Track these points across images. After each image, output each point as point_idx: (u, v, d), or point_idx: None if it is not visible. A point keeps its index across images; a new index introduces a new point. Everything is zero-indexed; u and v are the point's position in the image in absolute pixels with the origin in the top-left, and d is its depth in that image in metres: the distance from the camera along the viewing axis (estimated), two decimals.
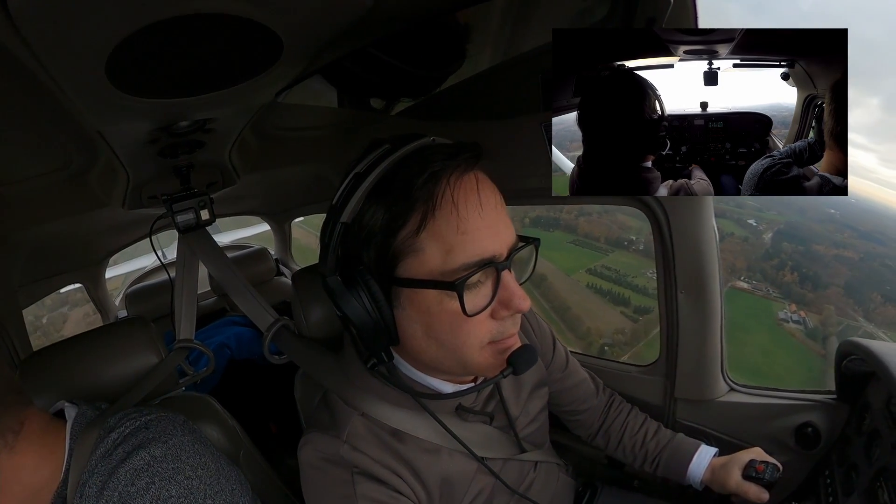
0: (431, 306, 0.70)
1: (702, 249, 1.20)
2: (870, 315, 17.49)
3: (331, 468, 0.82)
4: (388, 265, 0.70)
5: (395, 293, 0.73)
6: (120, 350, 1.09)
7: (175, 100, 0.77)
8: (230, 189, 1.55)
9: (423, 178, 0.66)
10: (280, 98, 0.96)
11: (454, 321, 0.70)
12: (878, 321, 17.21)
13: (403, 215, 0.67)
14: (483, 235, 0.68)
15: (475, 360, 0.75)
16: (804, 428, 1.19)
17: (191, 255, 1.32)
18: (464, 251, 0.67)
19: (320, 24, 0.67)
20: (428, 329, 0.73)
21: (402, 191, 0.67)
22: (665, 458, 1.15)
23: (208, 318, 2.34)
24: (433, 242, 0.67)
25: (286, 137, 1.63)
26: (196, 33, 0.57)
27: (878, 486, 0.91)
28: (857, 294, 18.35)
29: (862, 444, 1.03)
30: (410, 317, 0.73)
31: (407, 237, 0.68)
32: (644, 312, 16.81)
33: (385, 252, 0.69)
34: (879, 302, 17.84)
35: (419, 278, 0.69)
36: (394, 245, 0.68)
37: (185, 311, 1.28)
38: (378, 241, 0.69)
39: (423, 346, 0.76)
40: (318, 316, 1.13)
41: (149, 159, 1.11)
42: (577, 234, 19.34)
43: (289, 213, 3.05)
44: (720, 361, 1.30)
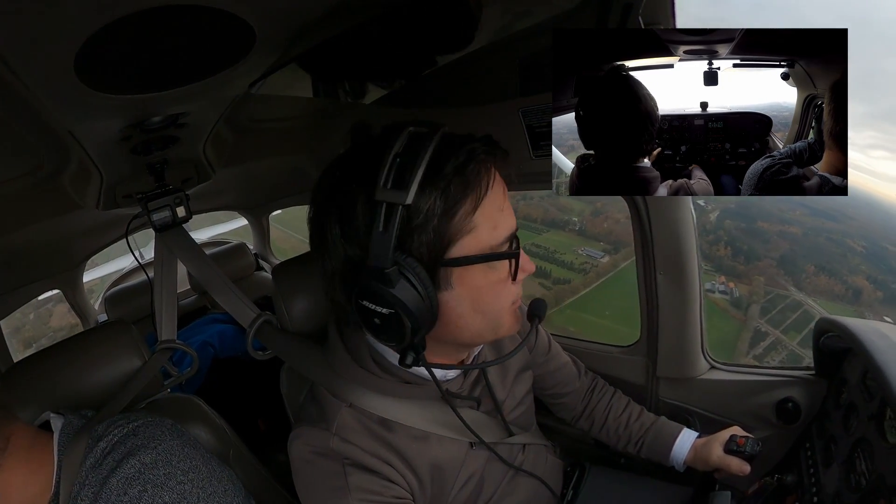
0: (479, 279, 0.76)
1: (679, 231, 1.22)
2: (800, 284, 18.16)
3: (322, 461, 0.82)
4: (443, 247, 0.72)
5: (444, 275, 0.73)
6: (102, 355, 1.07)
7: (147, 95, 0.75)
8: (206, 184, 1.52)
9: (474, 164, 0.71)
10: (254, 89, 0.95)
11: (497, 289, 0.78)
12: (808, 290, 17.94)
13: (462, 199, 0.71)
14: (510, 212, 0.78)
15: (508, 321, 0.83)
16: (784, 403, 1.22)
17: (168, 253, 1.29)
18: (505, 225, 0.76)
19: (293, 12, 0.66)
20: (475, 302, 0.77)
21: (458, 175, 0.70)
22: (649, 440, 1.18)
23: (190, 317, 2.31)
24: (484, 221, 0.73)
25: (261, 129, 1.60)
26: (167, 26, 0.56)
27: (855, 455, 0.95)
28: (790, 266, 19.04)
29: (840, 417, 1.06)
30: (460, 295, 0.76)
31: (463, 218, 0.71)
32: (561, 283, 17.61)
33: (442, 234, 0.71)
34: (812, 272, 18.63)
35: (474, 254, 0.73)
36: (451, 227, 0.71)
37: (165, 312, 1.26)
38: (435, 224, 0.70)
39: (468, 321, 0.79)
40: (300, 309, 1.12)
41: (122, 157, 1.08)
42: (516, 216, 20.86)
43: (266, 207, 3.01)
44: (700, 340, 1.32)
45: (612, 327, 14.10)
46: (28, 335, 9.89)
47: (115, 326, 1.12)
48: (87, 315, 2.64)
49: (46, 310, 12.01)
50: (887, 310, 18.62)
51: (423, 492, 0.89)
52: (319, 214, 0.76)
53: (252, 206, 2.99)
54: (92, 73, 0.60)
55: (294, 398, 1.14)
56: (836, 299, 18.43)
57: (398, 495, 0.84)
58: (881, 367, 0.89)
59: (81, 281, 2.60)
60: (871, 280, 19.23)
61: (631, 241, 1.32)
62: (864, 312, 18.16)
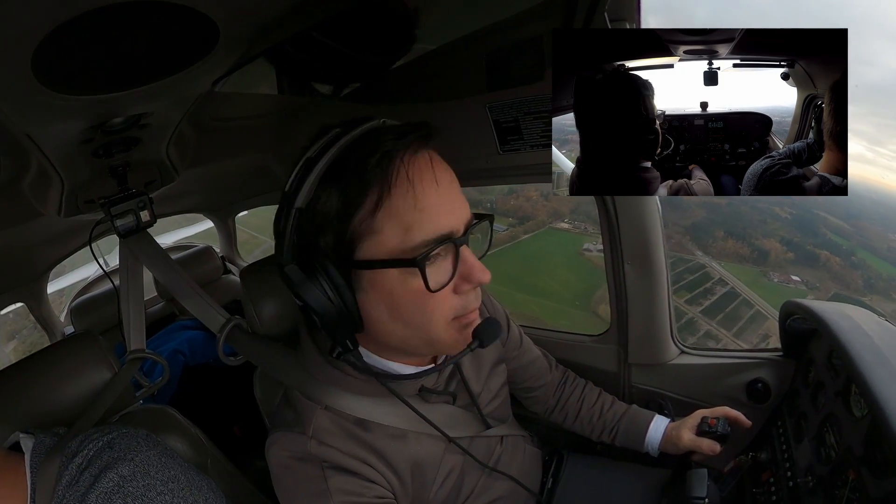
0: (394, 286, 0.71)
1: (645, 221, 1.25)
2: (707, 249, 19.06)
3: (301, 466, 0.81)
4: (347, 249, 0.70)
5: (357, 277, 0.72)
6: (70, 369, 1.03)
7: (108, 95, 0.72)
8: (170, 187, 1.47)
9: (375, 158, 0.66)
10: (218, 87, 0.93)
11: (418, 299, 0.71)
12: (713, 254, 18.88)
13: (358, 197, 0.67)
14: (441, 212, 0.70)
15: (441, 337, 0.76)
16: (755, 384, 1.27)
17: (134, 260, 1.25)
18: (422, 228, 0.68)
19: (258, 7, 0.65)
20: (393, 310, 0.73)
21: (356, 173, 0.67)
22: (622, 428, 1.21)
23: (158, 325, 2.24)
24: (391, 222, 0.68)
25: (226, 128, 1.57)
26: (128, 22, 0.54)
27: (825, 430, 1.00)
28: (699, 231, 19.91)
29: (809, 395, 1.11)
30: (374, 300, 0.73)
31: (364, 219, 0.68)
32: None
33: (342, 236, 0.69)
34: (721, 237, 19.55)
35: (379, 259, 0.69)
36: (350, 228, 0.68)
37: (133, 320, 1.22)
38: (334, 225, 0.69)
39: (389, 328, 0.76)
40: (270, 312, 1.10)
41: (83, 161, 1.04)
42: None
43: (232, 208, 2.95)
44: (669, 326, 1.36)
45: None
46: (10, 328, 9.47)
47: (82, 338, 1.08)
48: (53, 327, 2.54)
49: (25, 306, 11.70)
50: (795, 269, 20.01)
51: (404, 490, 0.88)
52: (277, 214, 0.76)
53: (217, 208, 2.92)
54: (50, 73, 0.58)
55: (268, 403, 1.13)
56: (742, 261, 19.49)
57: (380, 495, 0.83)
58: (846, 346, 0.94)
59: (45, 292, 2.50)
60: (785, 243, 20.31)
61: (537, 216, 1.34)
62: (768, 272, 19.47)
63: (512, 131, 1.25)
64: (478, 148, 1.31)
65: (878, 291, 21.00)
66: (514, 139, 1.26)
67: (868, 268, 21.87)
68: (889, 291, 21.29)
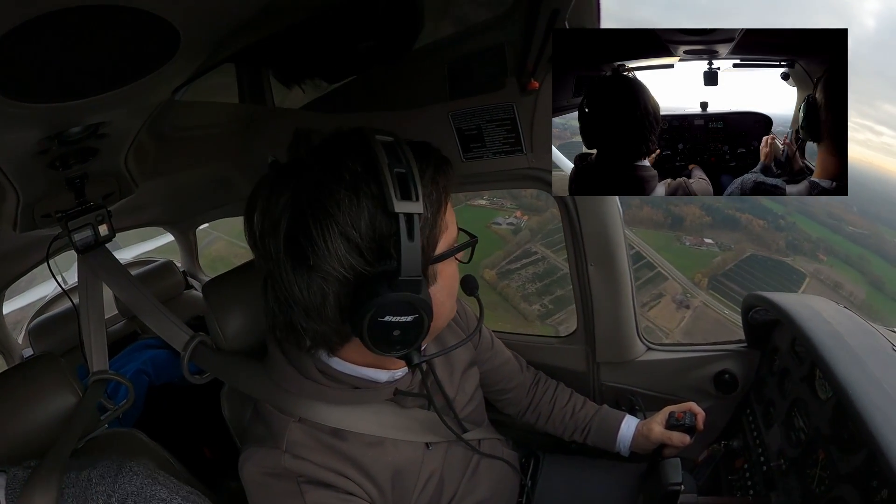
0: (452, 269, 0.84)
1: (607, 223, 1.27)
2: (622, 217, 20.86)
3: (275, 482, 0.80)
4: (432, 247, 0.77)
5: (431, 272, 0.78)
6: (32, 395, 0.99)
7: (65, 104, 0.69)
8: (129, 199, 1.43)
9: (442, 171, 0.78)
10: (178, 95, 0.92)
11: (458, 274, 0.86)
12: (628, 221, 20.39)
13: (440, 202, 0.77)
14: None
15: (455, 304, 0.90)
16: (722, 375, 1.32)
17: (93, 277, 1.21)
18: (456, 218, 0.83)
19: (220, 14, 0.64)
20: (451, 290, 0.85)
21: (434, 182, 0.76)
22: (595, 426, 1.24)
23: (119, 345, 2.15)
24: (450, 218, 0.81)
25: (185, 138, 1.53)
26: (85, 28, 0.52)
27: (793, 414, 1.05)
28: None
29: (775, 382, 1.16)
30: (444, 287, 0.82)
31: (442, 219, 0.78)
32: None
33: (432, 236, 0.76)
34: (636, 206, 20.53)
35: (451, 248, 0.81)
36: (437, 228, 0.77)
37: (94, 340, 1.18)
38: (429, 228, 0.75)
39: (447, 308, 0.85)
40: (235, 326, 1.08)
41: (39, 173, 0.99)
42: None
43: (193, 221, 2.86)
44: (635, 324, 1.39)
45: None
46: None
47: (42, 361, 1.04)
48: (11, 350, 2.42)
49: None
50: (712, 232, 21.37)
51: (384, 500, 0.88)
52: (304, 229, 0.69)
53: (178, 221, 2.83)
54: (4, 80, 0.56)
55: (238, 421, 1.10)
56: (655, 226, 20.98)
57: None
58: (808, 334, 0.98)
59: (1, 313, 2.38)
60: (704, 208, 21.50)
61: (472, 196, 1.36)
62: (681, 237, 21.03)
63: (475, 139, 1.27)
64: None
65: (805, 252, 22.18)
66: (476, 146, 1.28)
67: (797, 230, 22.96)
68: (816, 252, 22.43)
